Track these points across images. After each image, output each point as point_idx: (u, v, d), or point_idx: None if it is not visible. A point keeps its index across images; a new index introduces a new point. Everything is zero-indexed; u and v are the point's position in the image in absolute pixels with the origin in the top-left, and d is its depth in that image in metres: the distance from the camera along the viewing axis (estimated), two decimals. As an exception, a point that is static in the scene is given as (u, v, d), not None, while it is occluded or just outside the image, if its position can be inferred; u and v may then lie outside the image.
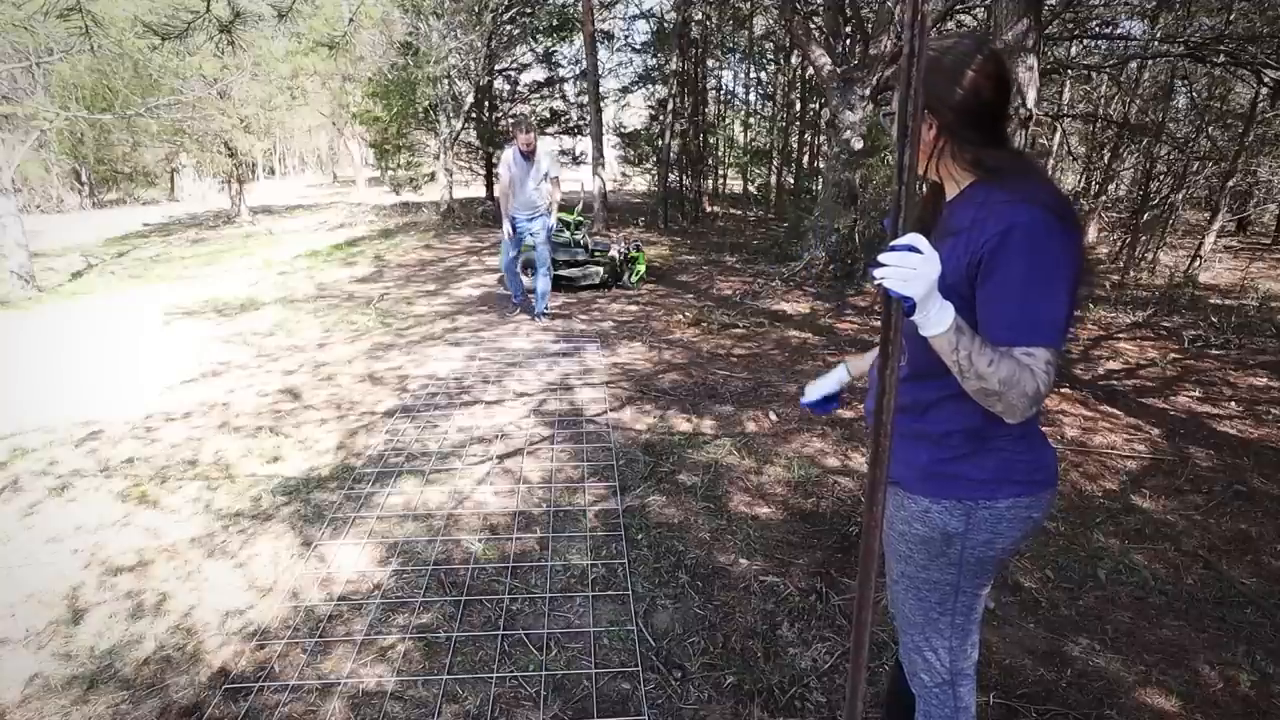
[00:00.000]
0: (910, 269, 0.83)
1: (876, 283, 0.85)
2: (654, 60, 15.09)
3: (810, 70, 10.61)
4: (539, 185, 5.59)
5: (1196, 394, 4.23)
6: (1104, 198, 11.49)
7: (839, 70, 7.31)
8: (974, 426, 1.10)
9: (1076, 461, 3.27)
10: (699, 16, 13.12)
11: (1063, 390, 4.20)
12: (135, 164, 19.68)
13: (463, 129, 14.25)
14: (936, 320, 0.90)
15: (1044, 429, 3.60)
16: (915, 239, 0.84)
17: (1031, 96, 4.06)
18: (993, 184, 1.04)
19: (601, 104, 12.47)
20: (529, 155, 5.47)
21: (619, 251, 7.44)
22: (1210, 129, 9.39)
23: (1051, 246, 0.94)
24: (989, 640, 2.07)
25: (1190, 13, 7.61)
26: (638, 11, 16.64)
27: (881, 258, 0.85)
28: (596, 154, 11.94)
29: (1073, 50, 9.84)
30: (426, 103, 13.30)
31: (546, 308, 5.94)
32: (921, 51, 0.72)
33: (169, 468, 3.26)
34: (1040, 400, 0.95)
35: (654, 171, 14.81)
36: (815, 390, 1.50)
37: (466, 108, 13.85)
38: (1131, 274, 8.47)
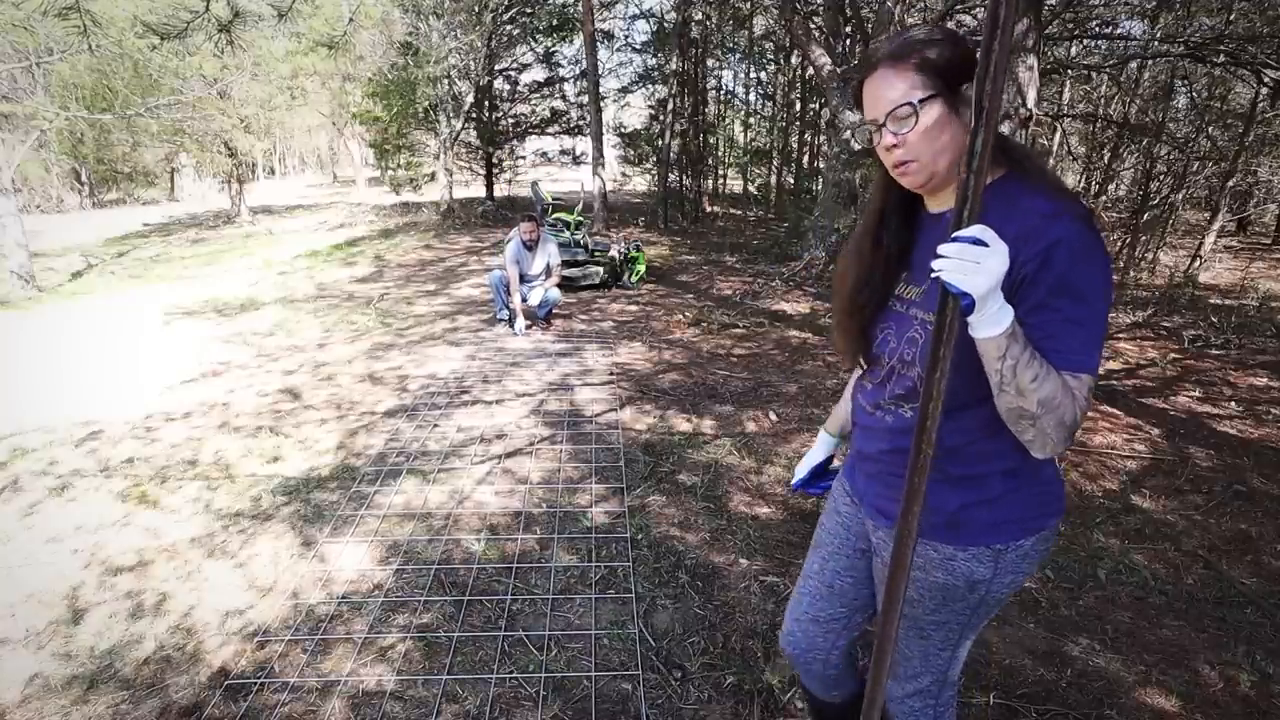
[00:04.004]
0: (973, 263, 0.76)
1: (933, 276, 0.78)
2: (654, 60, 15.09)
3: (810, 70, 10.61)
4: (541, 275, 5.77)
5: (1196, 394, 4.23)
6: (1104, 198, 11.48)
7: (839, 70, 7.31)
8: (1011, 467, 1.00)
9: (1076, 461, 3.27)
10: (699, 16, 13.12)
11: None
12: (135, 164, 19.68)
13: (463, 129, 14.25)
14: (995, 319, 0.81)
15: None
16: (982, 231, 0.76)
17: (1031, 96, 4.06)
18: (1014, 181, 0.94)
19: (601, 104, 12.47)
20: (532, 246, 5.61)
21: (619, 251, 7.44)
22: (1210, 129, 9.39)
23: (1097, 262, 0.86)
24: (989, 640, 2.07)
25: (1190, 13, 7.61)
26: (638, 11, 16.67)
27: (942, 249, 0.77)
28: (596, 154, 11.95)
29: (1073, 50, 9.83)
30: (426, 103, 13.30)
31: (549, 314, 5.86)
32: (1008, 20, 0.65)
33: (169, 468, 3.26)
34: (1074, 434, 0.87)
35: (654, 171, 14.81)
36: (803, 467, 1.38)
37: (466, 108, 13.85)
38: (1131, 274, 8.46)
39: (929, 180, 0.96)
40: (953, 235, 0.77)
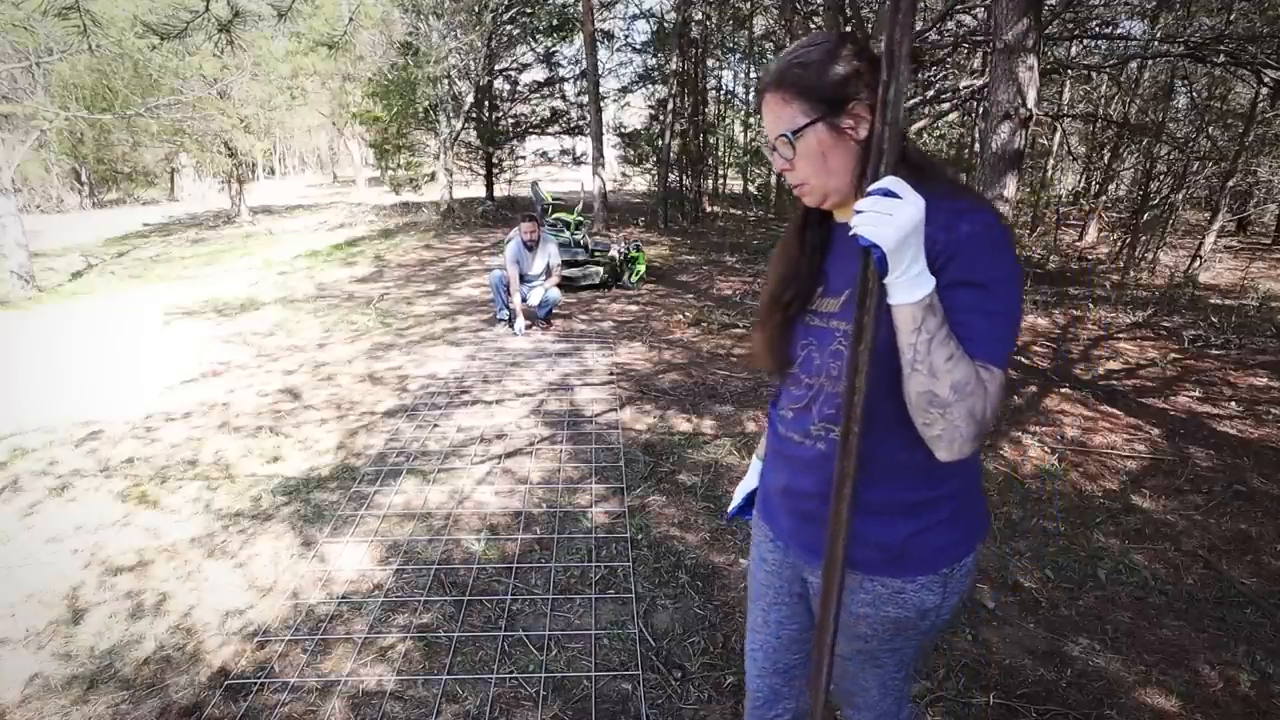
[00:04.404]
0: (885, 214, 0.73)
1: (851, 234, 0.76)
2: (654, 60, 15.09)
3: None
4: (541, 274, 5.78)
5: (1196, 394, 4.23)
6: (1104, 198, 11.49)
7: (839, 70, 7.30)
8: (960, 484, 0.98)
9: (1076, 461, 3.27)
10: (699, 16, 13.12)
11: (1063, 390, 4.20)
12: (135, 164, 19.68)
13: (463, 129, 14.25)
14: (912, 284, 0.77)
15: (1043, 429, 3.65)
16: (893, 182, 0.74)
17: (1031, 96, 4.06)
18: (923, 189, 0.86)
19: (601, 104, 12.47)
20: (532, 246, 5.61)
21: (619, 251, 7.44)
22: (1210, 129, 9.39)
23: (1005, 258, 0.83)
24: (989, 640, 2.07)
25: (1190, 13, 7.61)
26: (638, 11, 16.67)
27: (857, 204, 0.76)
28: (596, 154, 11.95)
29: (1073, 50, 9.83)
30: (426, 103, 13.31)
31: (549, 314, 5.87)
32: None
33: (169, 468, 3.26)
34: (982, 434, 0.81)
35: (654, 171, 14.82)
36: (738, 495, 1.31)
37: (466, 108, 13.86)
38: (1131, 274, 8.47)
39: (824, 200, 0.94)
40: (867, 190, 0.76)
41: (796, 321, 1.03)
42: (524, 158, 17.92)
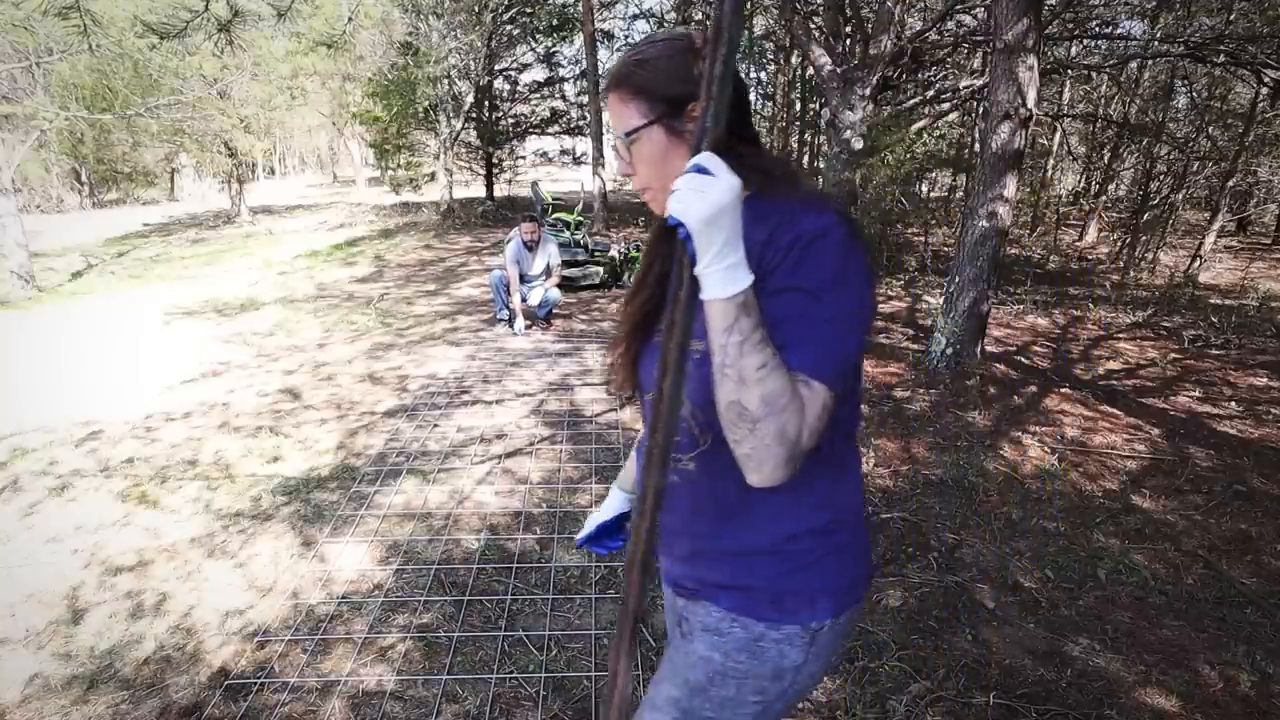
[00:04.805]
0: (696, 191, 0.66)
1: (667, 218, 0.69)
2: (654, 60, 15.06)
3: (810, 70, 10.62)
4: (541, 275, 5.77)
5: (1196, 394, 4.23)
6: (1104, 198, 11.50)
7: (839, 70, 7.31)
8: (822, 524, 0.86)
9: (1076, 461, 3.27)
10: (699, 16, 13.12)
11: (1063, 390, 4.20)
12: (135, 164, 19.67)
13: (463, 129, 14.25)
14: (724, 278, 0.68)
15: (1043, 429, 3.65)
16: (707, 158, 0.67)
17: (1031, 96, 4.06)
18: (765, 196, 0.81)
19: (602, 104, 12.46)
20: (532, 246, 5.61)
21: (619, 251, 7.44)
22: (1210, 129, 9.40)
23: (857, 264, 0.75)
24: (989, 640, 2.07)
25: (1190, 13, 7.61)
26: (638, 11, 16.66)
27: (674, 184, 0.68)
28: (596, 154, 11.95)
29: (1073, 50, 9.84)
30: (426, 103, 13.30)
31: (549, 314, 5.86)
32: None
33: (169, 468, 3.26)
34: (796, 459, 0.71)
35: (654, 171, 14.80)
36: (590, 524, 1.19)
37: (466, 108, 13.85)
38: (1131, 274, 8.47)
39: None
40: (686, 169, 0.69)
41: (651, 342, 0.93)
42: (524, 158, 17.93)
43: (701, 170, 0.67)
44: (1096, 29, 8.06)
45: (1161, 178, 9.90)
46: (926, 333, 5.21)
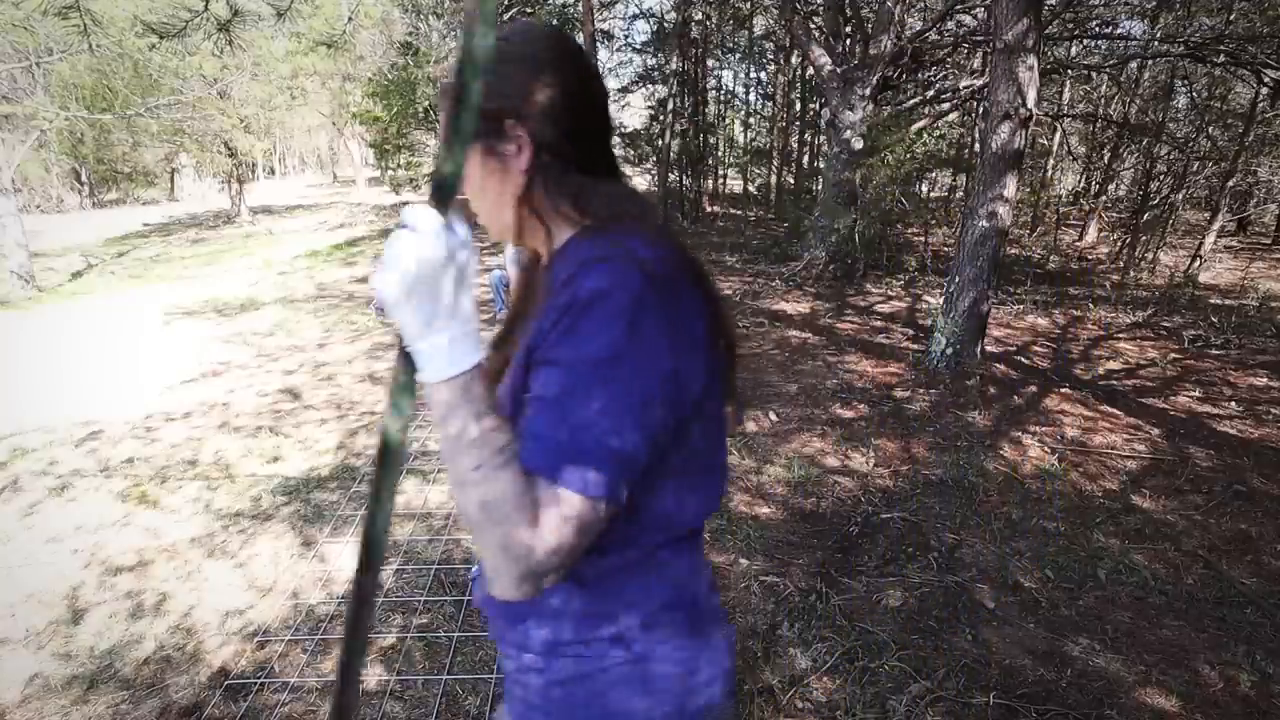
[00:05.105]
0: (393, 255, 0.54)
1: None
2: (654, 60, 15.09)
3: (810, 70, 10.62)
4: None
5: (1196, 394, 4.23)
6: (1104, 198, 11.50)
7: (839, 70, 7.32)
8: (626, 628, 0.69)
9: (1076, 461, 3.27)
10: (699, 16, 13.12)
11: (1063, 390, 4.20)
12: (135, 164, 19.68)
13: (463, 129, 14.24)
14: (435, 357, 0.56)
15: (1043, 429, 3.65)
16: (412, 213, 0.54)
17: (1031, 96, 4.06)
18: (587, 235, 0.68)
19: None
20: None
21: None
22: (1210, 129, 9.40)
23: (650, 334, 0.58)
24: (989, 640, 2.07)
25: (1190, 13, 7.62)
26: (638, 11, 16.67)
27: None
28: (596, 154, 11.93)
29: (1073, 50, 9.84)
30: (426, 103, 13.30)
31: None
32: None
33: (169, 468, 3.26)
34: (529, 576, 0.57)
35: (654, 171, 14.81)
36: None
37: (466, 108, 13.84)
38: (1131, 274, 8.47)
39: (503, 233, 0.77)
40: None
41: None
42: (524, 157, 17.90)
43: (410, 228, 0.54)
44: (1096, 29, 8.07)
45: (1161, 178, 9.91)
46: (926, 333, 5.21)
